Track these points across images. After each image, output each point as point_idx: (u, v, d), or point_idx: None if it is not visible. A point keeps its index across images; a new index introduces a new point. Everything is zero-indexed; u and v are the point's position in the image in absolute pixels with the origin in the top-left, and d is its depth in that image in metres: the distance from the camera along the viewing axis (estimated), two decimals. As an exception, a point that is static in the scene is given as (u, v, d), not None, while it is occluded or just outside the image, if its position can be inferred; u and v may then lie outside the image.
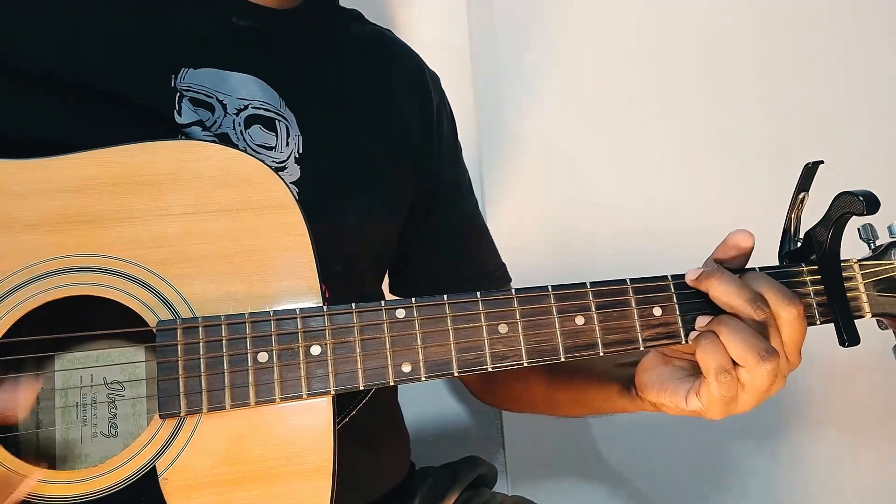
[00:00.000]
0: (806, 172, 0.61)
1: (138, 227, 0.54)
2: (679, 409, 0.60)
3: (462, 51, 1.16)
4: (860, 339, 0.59)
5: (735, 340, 0.54)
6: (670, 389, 0.60)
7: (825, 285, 0.60)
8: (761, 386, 0.55)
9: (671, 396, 0.60)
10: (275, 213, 0.55)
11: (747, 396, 0.56)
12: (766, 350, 0.54)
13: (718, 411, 0.57)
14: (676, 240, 1.12)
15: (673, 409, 0.61)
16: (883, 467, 1.19)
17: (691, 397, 0.58)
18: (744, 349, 0.54)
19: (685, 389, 0.59)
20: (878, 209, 0.57)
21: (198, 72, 0.63)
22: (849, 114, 1.23)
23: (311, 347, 0.53)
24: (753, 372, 0.54)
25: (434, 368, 0.54)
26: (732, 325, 0.55)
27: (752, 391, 0.55)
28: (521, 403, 0.85)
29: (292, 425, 0.53)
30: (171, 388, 0.51)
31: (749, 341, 0.54)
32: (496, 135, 1.16)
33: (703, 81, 1.21)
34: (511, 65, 1.17)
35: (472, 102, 1.15)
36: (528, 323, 0.56)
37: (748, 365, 0.54)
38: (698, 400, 0.57)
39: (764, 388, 0.55)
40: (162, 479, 0.50)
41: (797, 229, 0.63)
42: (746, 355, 0.54)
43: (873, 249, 0.64)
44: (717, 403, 0.56)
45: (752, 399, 0.56)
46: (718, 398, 0.55)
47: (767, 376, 0.54)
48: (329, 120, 0.70)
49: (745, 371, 0.55)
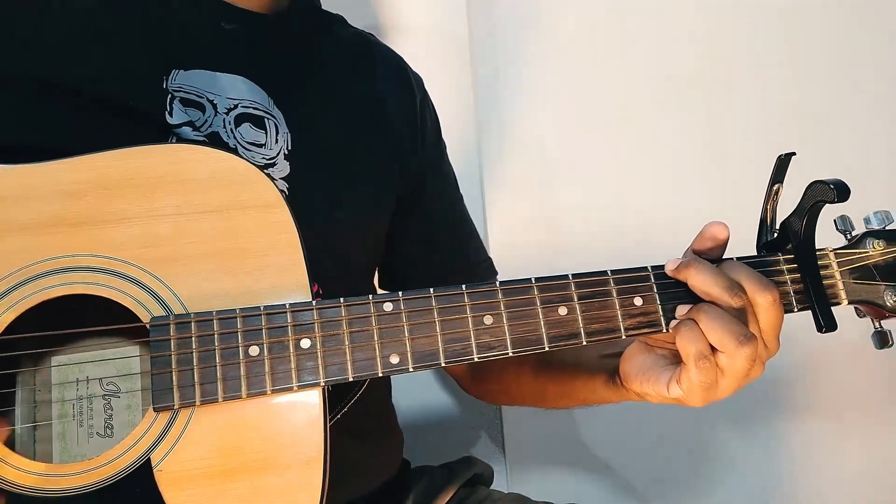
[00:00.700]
0: (779, 164, 0.63)
1: (132, 227, 0.55)
2: (661, 397, 0.61)
3: (462, 50, 1.17)
4: (837, 325, 0.60)
5: (714, 326, 0.56)
6: (652, 378, 0.61)
7: (801, 273, 0.62)
8: (740, 370, 0.56)
9: (653, 385, 0.61)
10: (264, 212, 0.57)
11: (727, 382, 0.57)
12: (745, 335, 0.55)
13: (699, 398, 0.58)
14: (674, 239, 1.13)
15: (655, 398, 0.62)
16: (866, 454, 1.20)
17: (672, 385, 0.59)
18: (722, 334, 0.55)
19: (666, 377, 0.60)
20: (849, 196, 0.59)
21: (188, 73, 0.65)
22: (831, 105, 1.24)
23: (300, 340, 0.54)
24: (733, 356, 0.56)
25: (422, 359, 0.56)
26: (711, 311, 0.57)
27: (731, 376, 0.57)
28: (509, 397, 0.87)
29: (284, 417, 0.54)
30: (165, 382, 0.52)
31: (728, 326, 0.55)
32: (495, 134, 1.18)
33: (703, 82, 1.23)
34: (511, 64, 1.19)
35: (471, 101, 1.17)
36: (513, 314, 0.57)
37: (727, 349, 0.55)
38: (679, 387, 0.59)
39: (743, 373, 0.57)
40: (157, 470, 0.51)
41: (773, 220, 0.64)
42: (725, 340, 0.55)
43: (849, 239, 0.66)
44: (696, 389, 0.57)
45: (732, 384, 0.58)
46: (698, 384, 0.57)
47: (746, 360, 0.55)
48: (317, 117, 0.72)
49: (724, 356, 0.56)
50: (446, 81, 0.85)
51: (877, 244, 0.64)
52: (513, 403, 0.90)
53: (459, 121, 0.86)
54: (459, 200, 0.88)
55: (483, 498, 0.84)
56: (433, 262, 0.84)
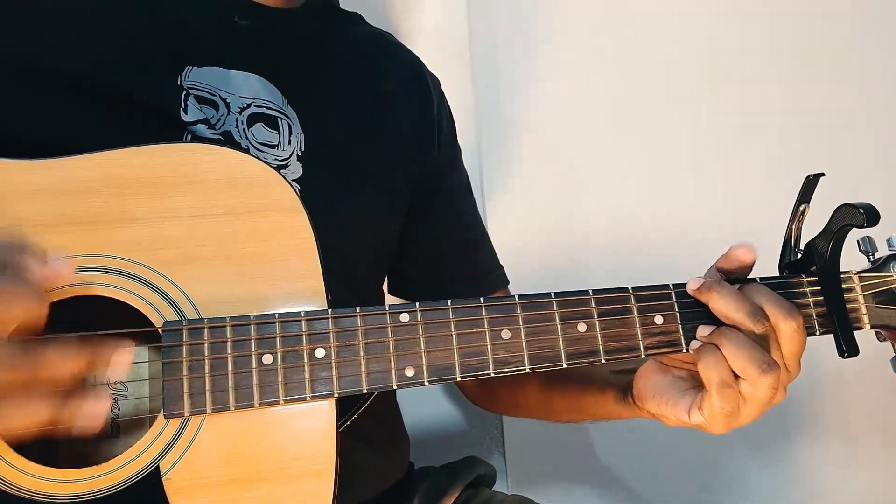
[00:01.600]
0: (807, 185, 0.62)
1: (145, 228, 0.54)
2: (680, 421, 0.60)
3: (462, 50, 1.16)
4: (859, 350, 0.60)
5: (736, 353, 0.55)
6: (671, 401, 0.60)
7: (825, 296, 0.61)
8: (763, 398, 0.56)
9: (672, 408, 0.60)
10: (281, 216, 0.56)
11: (749, 409, 0.57)
12: (767, 362, 0.54)
13: (721, 425, 0.58)
14: (677, 242, 1.12)
15: (673, 421, 0.61)
16: (881, 477, 1.19)
17: (694, 411, 0.58)
18: (745, 362, 0.54)
19: (687, 402, 0.59)
20: (878, 222, 0.58)
21: (202, 70, 0.64)
22: (855, 121, 1.23)
23: (315, 350, 0.53)
24: (755, 384, 0.55)
25: (437, 373, 0.55)
26: (734, 337, 0.56)
27: (753, 403, 0.56)
28: (517, 409, 0.86)
29: (295, 427, 0.53)
30: (176, 389, 0.51)
31: (750, 354, 0.55)
32: (496, 134, 1.17)
33: (707, 82, 1.21)
34: (511, 64, 1.17)
35: (471, 102, 1.16)
36: (531, 329, 0.56)
37: (750, 378, 0.55)
38: (700, 414, 0.58)
39: (766, 400, 0.56)
40: (165, 479, 0.51)
41: (798, 240, 0.63)
42: (748, 368, 0.54)
43: (873, 262, 0.65)
44: (719, 417, 0.57)
45: (754, 411, 0.57)
46: (720, 411, 0.56)
47: (769, 388, 0.55)
48: (331, 118, 0.70)
49: (746, 383, 0.55)
50: (446, 82, 0.84)
51: (901, 268, 0.63)
52: (519, 415, 0.89)
53: (459, 121, 0.85)
54: (472, 206, 0.87)
55: (487, 499, 0.83)
56: (444, 269, 0.82)
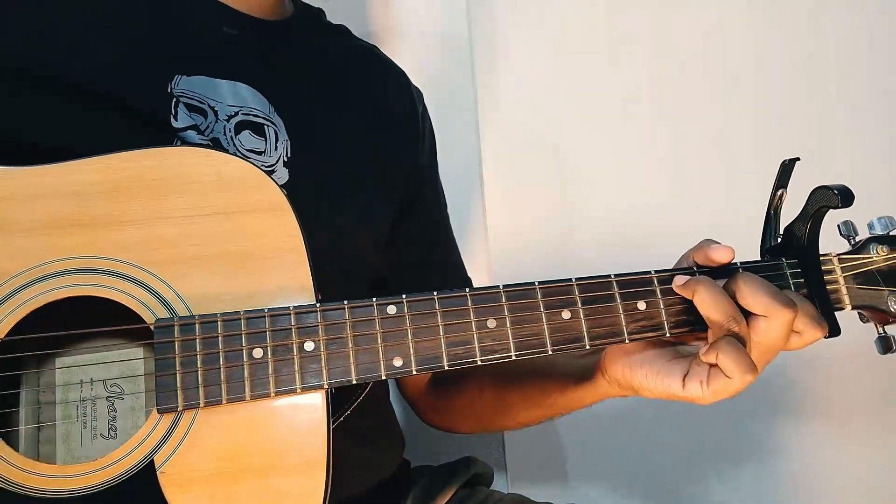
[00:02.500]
0: (783, 169, 0.63)
1: (137, 229, 0.55)
2: (668, 392, 0.60)
3: (462, 52, 1.17)
4: (841, 330, 0.60)
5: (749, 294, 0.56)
6: (662, 371, 0.60)
7: (805, 278, 0.62)
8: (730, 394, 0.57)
9: (662, 378, 0.60)
10: (269, 215, 0.57)
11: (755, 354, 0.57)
12: (749, 366, 0.55)
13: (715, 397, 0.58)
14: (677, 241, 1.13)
15: (657, 393, 0.61)
16: (868, 459, 1.19)
17: (692, 383, 0.58)
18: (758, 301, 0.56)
19: (678, 372, 0.59)
20: (853, 202, 0.59)
21: (190, 79, 0.65)
22: (835, 109, 1.24)
23: (304, 343, 0.54)
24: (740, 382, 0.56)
25: (425, 362, 0.56)
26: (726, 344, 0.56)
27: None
28: (471, 415, 0.83)
29: (288, 420, 0.54)
30: (169, 384, 0.52)
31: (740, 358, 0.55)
32: (496, 136, 1.18)
33: (705, 81, 1.22)
34: (511, 65, 1.19)
35: (471, 103, 1.17)
36: (516, 318, 0.57)
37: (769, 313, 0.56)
38: (702, 388, 0.58)
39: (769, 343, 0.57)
40: (160, 472, 0.52)
41: (777, 225, 0.65)
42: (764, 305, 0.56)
43: (853, 244, 0.66)
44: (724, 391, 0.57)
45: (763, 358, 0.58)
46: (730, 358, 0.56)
47: (786, 325, 0.56)
48: (317, 125, 0.72)
49: (763, 321, 0.56)
50: (447, 83, 0.85)
51: (880, 249, 0.64)
52: (474, 428, 0.87)
53: (460, 122, 0.86)
54: (446, 217, 0.89)
55: (483, 498, 0.83)
56: (414, 274, 0.83)
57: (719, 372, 0.57)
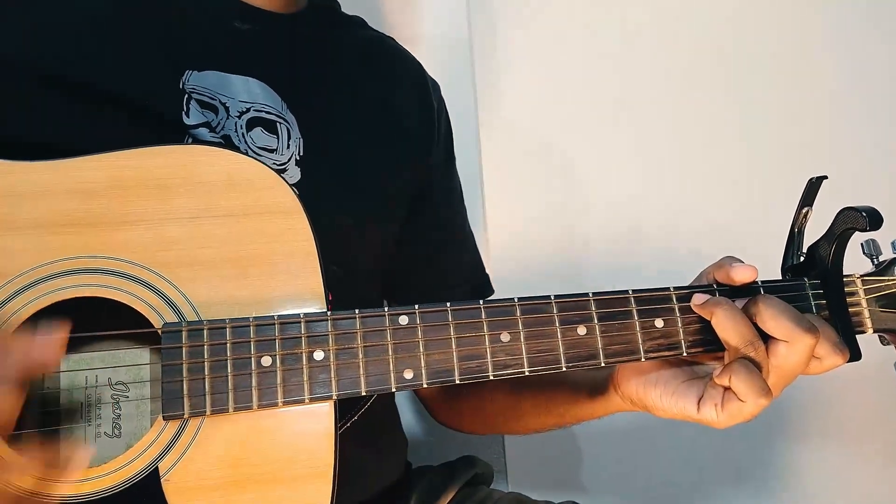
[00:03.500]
0: (809, 187, 0.61)
1: (145, 230, 0.54)
2: (683, 414, 0.59)
3: (462, 52, 1.16)
4: (861, 354, 0.59)
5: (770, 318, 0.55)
6: (677, 393, 0.59)
7: (827, 300, 0.60)
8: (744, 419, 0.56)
9: (677, 400, 0.59)
10: (281, 218, 0.56)
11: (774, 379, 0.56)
12: (763, 389, 0.54)
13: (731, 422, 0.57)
14: (677, 242, 1.12)
15: (670, 414, 0.60)
16: (878, 480, 1.19)
17: (705, 406, 0.58)
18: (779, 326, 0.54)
19: (694, 395, 0.58)
20: (881, 225, 0.57)
21: (201, 74, 0.64)
22: (856, 120, 1.22)
23: (314, 352, 0.53)
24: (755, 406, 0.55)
25: (436, 375, 0.55)
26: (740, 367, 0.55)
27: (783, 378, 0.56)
28: (482, 418, 0.84)
29: (294, 429, 0.53)
30: (175, 390, 0.51)
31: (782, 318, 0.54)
32: (496, 134, 1.17)
33: (708, 82, 1.21)
34: (511, 65, 1.17)
35: (472, 103, 1.16)
36: (531, 332, 0.56)
37: (789, 338, 0.54)
38: (716, 411, 0.57)
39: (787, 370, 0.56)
40: (164, 480, 0.51)
41: (800, 244, 0.63)
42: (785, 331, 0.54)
43: (876, 265, 0.65)
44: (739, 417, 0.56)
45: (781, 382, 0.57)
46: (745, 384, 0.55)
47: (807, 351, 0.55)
48: (330, 123, 0.70)
49: (783, 346, 0.55)
50: (447, 83, 0.84)
51: (904, 272, 0.63)
52: (483, 430, 0.87)
53: (460, 123, 0.85)
54: (463, 215, 0.87)
55: (484, 498, 0.83)
56: (430, 271, 0.82)
57: (734, 395, 0.56)
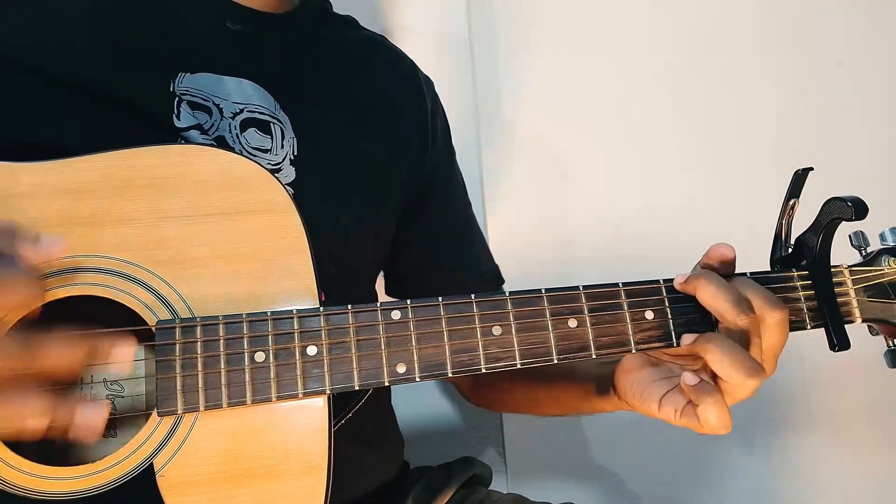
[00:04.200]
0: (796, 179, 0.62)
1: (139, 228, 0.55)
2: (666, 419, 0.60)
3: (462, 51, 1.17)
4: (850, 344, 0.60)
5: (723, 359, 0.55)
6: (657, 401, 0.60)
7: (815, 290, 0.61)
8: (741, 398, 0.56)
9: (655, 408, 0.60)
10: (273, 216, 0.56)
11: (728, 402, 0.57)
12: (753, 367, 0.54)
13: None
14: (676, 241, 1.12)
15: (643, 411, 0.62)
16: (870, 470, 1.19)
17: (685, 416, 0.58)
18: (731, 367, 0.54)
19: (673, 404, 0.59)
20: (867, 214, 0.58)
21: (195, 76, 0.64)
22: (847, 117, 1.23)
23: (307, 348, 0.54)
24: (743, 387, 0.55)
25: (428, 369, 0.55)
26: (719, 343, 0.55)
27: (731, 400, 0.57)
28: (504, 404, 0.88)
29: (289, 424, 0.54)
30: (169, 387, 0.52)
31: (736, 358, 0.54)
32: (496, 134, 1.17)
33: (707, 82, 1.21)
34: (511, 65, 1.18)
35: (472, 103, 1.16)
36: (522, 325, 0.57)
37: (735, 381, 0.55)
38: (691, 420, 0.58)
39: (742, 398, 0.56)
40: (159, 476, 0.51)
41: (788, 235, 0.64)
42: (734, 373, 0.54)
43: (864, 256, 0.65)
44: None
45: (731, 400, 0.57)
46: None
47: (751, 392, 0.55)
48: (324, 122, 0.71)
49: (728, 385, 0.56)
50: (447, 83, 0.85)
51: (892, 262, 0.63)
52: (511, 411, 0.92)
53: (460, 123, 0.86)
54: (467, 207, 0.87)
55: (482, 498, 0.83)
56: (439, 269, 0.83)
57: (693, 410, 0.57)
